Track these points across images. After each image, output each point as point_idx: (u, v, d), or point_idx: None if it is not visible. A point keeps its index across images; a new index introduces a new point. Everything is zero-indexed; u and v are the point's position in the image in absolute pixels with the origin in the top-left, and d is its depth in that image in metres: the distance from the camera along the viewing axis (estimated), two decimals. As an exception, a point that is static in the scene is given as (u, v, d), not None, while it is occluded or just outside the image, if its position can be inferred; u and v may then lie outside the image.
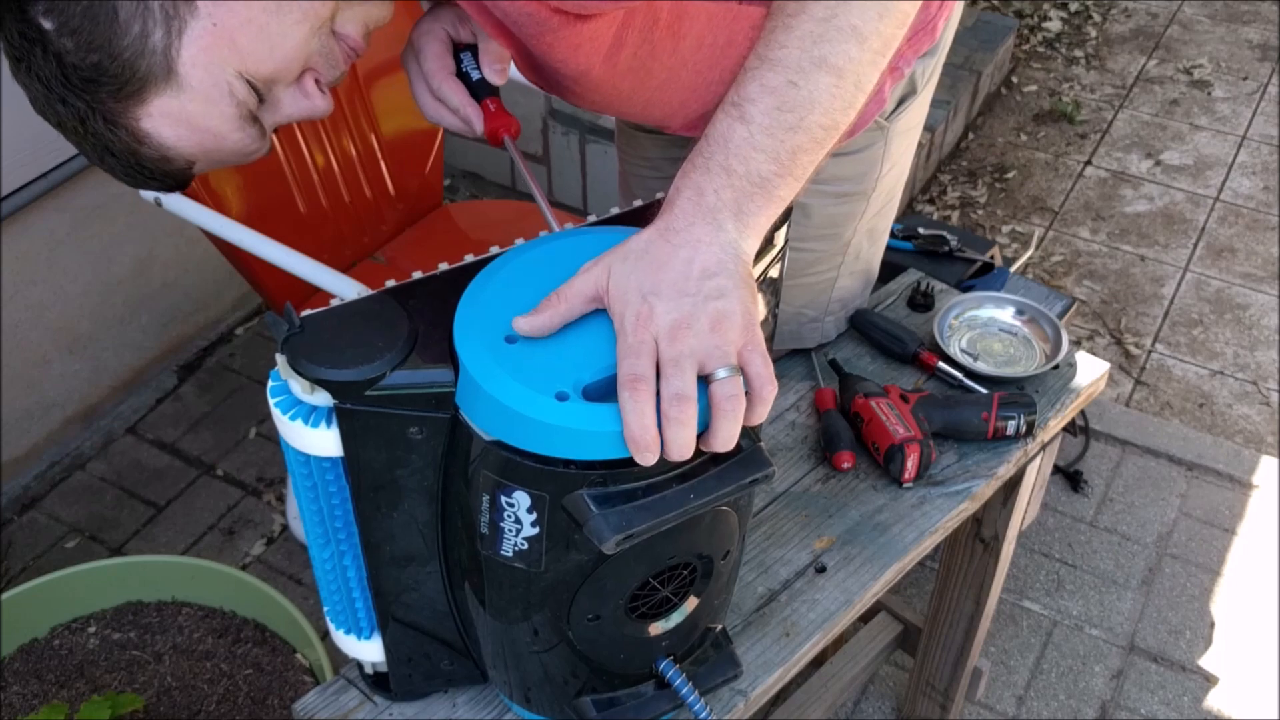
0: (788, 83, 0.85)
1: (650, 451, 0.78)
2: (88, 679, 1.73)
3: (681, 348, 0.79)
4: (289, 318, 0.81)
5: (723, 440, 0.80)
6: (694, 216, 0.83)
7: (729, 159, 0.84)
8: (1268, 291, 2.84)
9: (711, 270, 0.82)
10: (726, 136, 0.85)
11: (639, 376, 0.78)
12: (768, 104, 0.85)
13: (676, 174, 0.87)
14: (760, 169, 0.85)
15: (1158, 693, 2.02)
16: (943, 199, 3.14)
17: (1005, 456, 1.26)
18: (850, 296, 1.39)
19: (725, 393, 0.79)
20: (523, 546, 0.83)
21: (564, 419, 0.77)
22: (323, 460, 0.84)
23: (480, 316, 0.83)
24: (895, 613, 1.80)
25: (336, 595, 0.94)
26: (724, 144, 0.85)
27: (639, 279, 0.81)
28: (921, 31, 1.18)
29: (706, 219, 0.83)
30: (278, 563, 2.17)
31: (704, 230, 0.83)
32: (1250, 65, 3.62)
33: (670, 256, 0.82)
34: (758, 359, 0.81)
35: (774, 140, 0.85)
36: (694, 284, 0.81)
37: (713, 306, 0.80)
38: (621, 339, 0.80)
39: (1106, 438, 2.43)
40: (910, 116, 1.26)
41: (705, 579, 0.91)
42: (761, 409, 0.81)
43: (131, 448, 2.37)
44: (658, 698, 0.96)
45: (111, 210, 2.25)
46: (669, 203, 0.85)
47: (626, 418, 0.77)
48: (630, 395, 0.77)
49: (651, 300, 0.80)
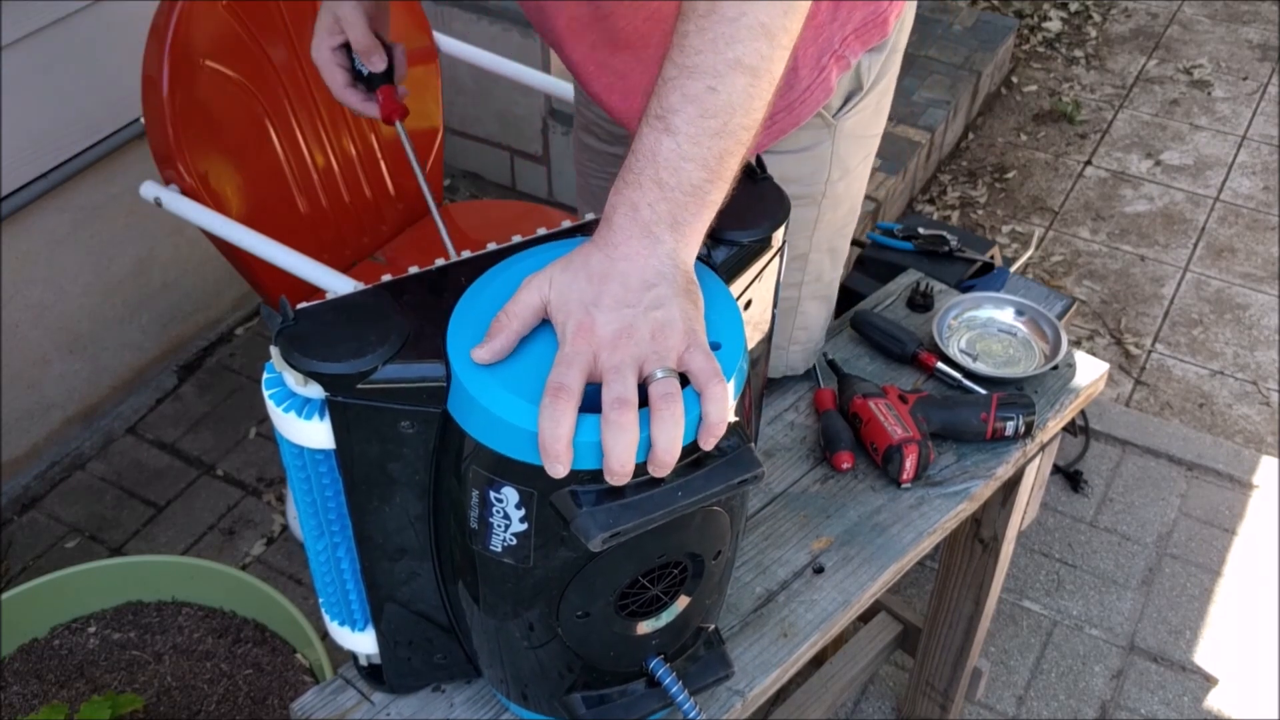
0: (707, 89, 0.85)
1: (560, 462, 0.77)
2: (88, 679, 1.73)
3: (623, 355, 0.80)
4: (283, 310, 0.82)
5: (663, 446, 0.78)
6: (630, 231, 0.84)
7: (659, 172, 0.85)
8: (1268, 291, 2.84)
9: (651, 281, 0.83)
10: (654, 150, 0.85)
11: (562, 385, 0.78)
12: (691, 113, 0.85)
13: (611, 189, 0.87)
14: (691, 178, 0.85)
15: (1158, 693, 2.02)
16: (943, 199, 3.14)
17: (1004, 457, 1.26)
18: (814, 324, 1.37)
19: (660, 391, 0.79)
20: (511, 542, 0.83)
21: None
22: (316, 453, 0.85)
23: (473, 325, 0.83)
24: (895, 613, 1.80)
25: (331, 587, 0.95)
26: (652, 158, 0.85)
27: (580, 291, 0.82)
28: (871, 24, 1.18)
29: (643, 234, 0.84)
30: (278, 563, 2.17)
31: (641, 244, 0.83)
32: (1250, 65, 3.62)
33: (610, 270, 0.83)
34: (699, 357, 0.81)
35: (701, 148, 0.85)
36: (634, 295, 0.82)
37: (653, 316, 0.81)
38: (560, 348, 0.81)
39: (1106, 438, 2.43)
40: (859, 120, 1.25)
41: (696, 578, 0.91)
42: (713, 407, 0.80)
43: (131, 448, 2.37)
44: (648, 696, 0.96)
45: (111, 210, 2.25)
46: (606, 218, 0.85)
47: (541, 424, 0.77)
48: (550, 401, 0.77)
49: (593, 311, 0.81)
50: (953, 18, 3.48)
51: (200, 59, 1.69)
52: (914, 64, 3.29)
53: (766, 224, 0.96)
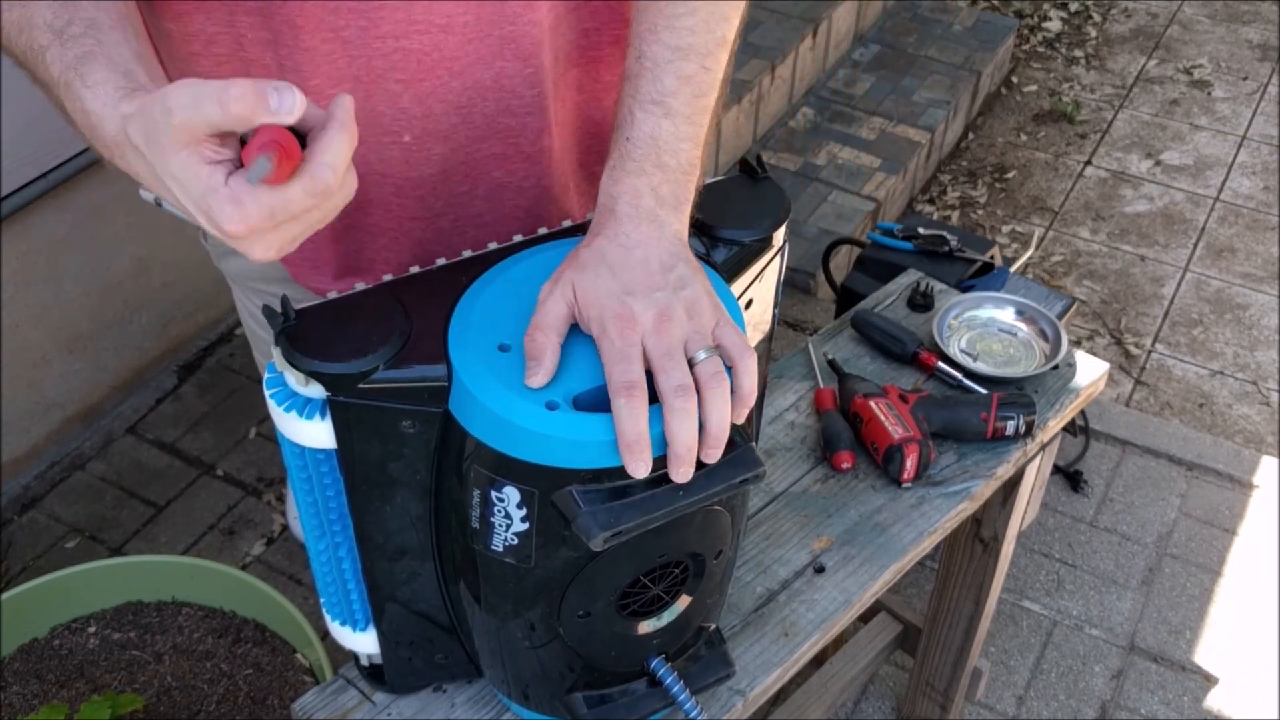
0: (701, 68, 0.87)
1: (644, 460, 0.77)
2: (88, 679, 1.73)
3: (670, 340, 0.80)
4: (285, 310, 0.82)
5: (716, 423, 0.79)
6: (636, 219, 0.85)
7: (660, 155, 0.86)
8: (1268, 291, 2.84)
9: (668, 263, 0.84)
10: (654, 135, 0.86)
11: (633, 382, 0.78)
12: (686, 93, 0.87)
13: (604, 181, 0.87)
14: (688, 157, 0.87)
15: (1158, 693, 2.02)
16: (943, 199, 3.14)
17: (1004, 457, 1.26)
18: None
19: (709, 371, 0.80)
20: (513, 542, 0.83)
21: (553, 428, 0.77)
22: (317, 452, 0.85)
23: (474, 325, 0.83)
24: (895, 613, 1.80)
25: (332, 587, 0.95)
26: (654, 142, 0.86)
27: (606, 284, 0.82)
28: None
29: (649, 219, 0.85)
30: (278, 563, 2.17)
31: (650, 230, 0.85)
32: (1250, 65, 3.62)
33: (627, 258, 0.83)
34: (730, 331, 0.82)
35: (695, 126, 0.87)
36: (659, 278, 0.83)
37: (683, 295, 0.82)
38: (607, 345, 0.80)
39: (1106, 438, 2.43)
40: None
41: (697, 578, 0.91)
42: (746, 379, 0.81)
43: (131, 448, 2.37)
44: (649, 696, 0.96)
45: (111, 210, 2.25)
46: (607, 211, 0.86)
47: (621, 424, 0.77)
48: (626, 401, 0.77)
49: (627, 300, 0.81)
50: (953, 18, 3.48)
51: (200, 59, 1.69)
52: (914, 64, 3.30)
53: (767, 223, 0.96)
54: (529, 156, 1.03)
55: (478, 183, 1.02)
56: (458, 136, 0.99)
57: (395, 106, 0.95)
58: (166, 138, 0.66)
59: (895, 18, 3.47)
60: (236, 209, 0.65)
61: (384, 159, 0.98)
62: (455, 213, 1.04)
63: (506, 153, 1.02)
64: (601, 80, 1.07)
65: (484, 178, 1.02)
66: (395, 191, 1.01)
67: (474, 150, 1.00)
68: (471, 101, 0.97)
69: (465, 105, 0.97)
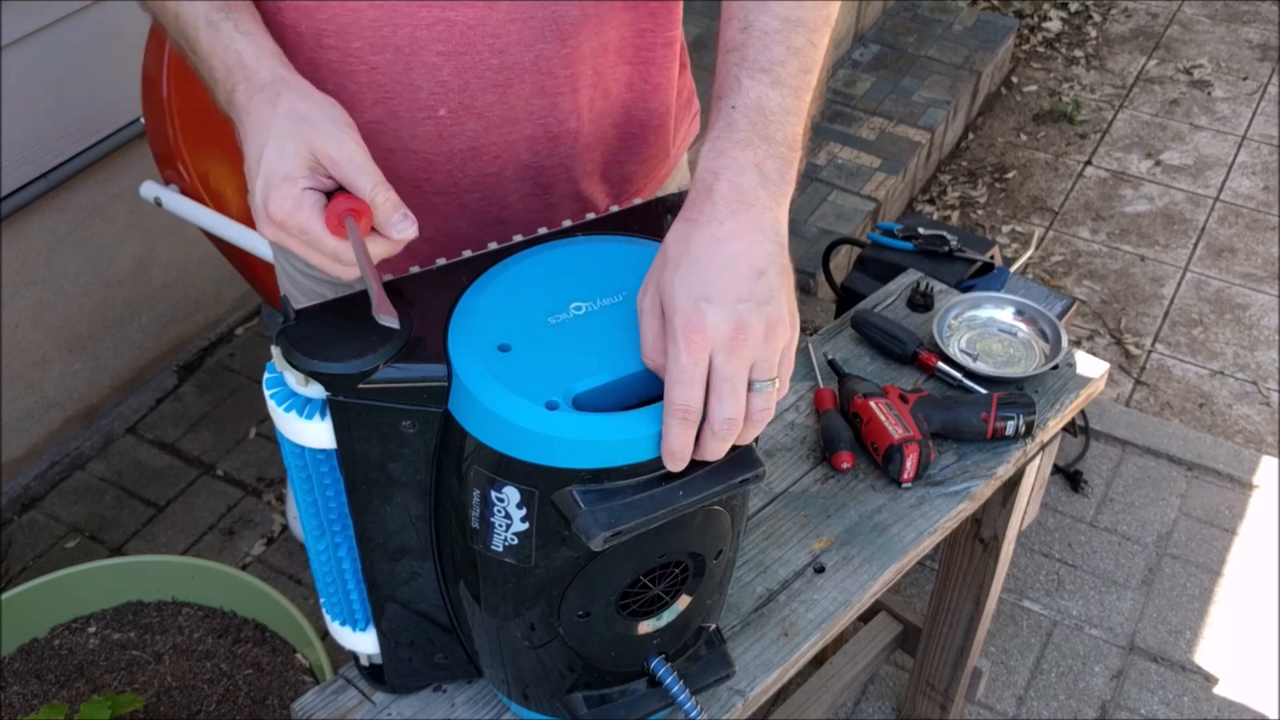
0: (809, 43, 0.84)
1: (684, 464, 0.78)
2: (88, 679, 1.73)
3: (738, 364, 0.76)
4: (285, 310, 0.82)
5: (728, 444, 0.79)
6: (735, 203, 0.79)
7: (768, 127, 0.81)
8: (1268, 291, 2.84)
9: (760, 267, 0.78)
10: (762, 104, 0.81)
11: (690, 409, 0.76)
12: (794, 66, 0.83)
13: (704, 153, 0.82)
14: (793, 132, 0.82)
15: (1158, 693, 2.02)
16: (943, 199, 3.14)
17: (1004, 457, 1.26)
18: None
19: (760, 405, 0.78)
20: (513, 541, 0.83)
21: (553, 428, 0.77)
22: (317, 452, 0.84)
23: (474, 325, 0.83)
24: (895, 613, 1.80)
25: (332, 587, 0.95)
26: (761, 111, 0.81)
27: (688, 284, 0.77)
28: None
29: (749, 202, 0.79)
30: (278, 563, 2.17)
31: (749, 217, 0.78)
32: (1250, 65, 3.62)
33: (716, 254, 0.77)
34: (789, 361, 0.80)
35: (800, 101, 0.83)
36: (746, 286, 0.77)
37: (766, 312, 0.77)
38: (673, 357, 0.76)
39: (1106, 438, 2.43)
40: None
41: (697, 578, 0.91)
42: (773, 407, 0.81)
43: (131, 448, 2.37)
44: (649, 696, 0.96)
45: (111, 210, 2.25)
46: (705, 190, 0.80)
47: (670, 440, 0.76)
48: (679, 424, 0.76)
49: (704, 306, 0.76)
50: (953, 18, 3.48)
51: (200, 59, 1.69)
52: (914, 64, 3.30)
53: None
54: (556, 138, 1.03)
55: (507, 164, 1.02)
56: (492, 115, 0.99)
57: (435, 79, 0.96)
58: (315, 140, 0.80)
59: (895, 18, 3.47)
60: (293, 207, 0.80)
61: (416, 135, 0.99)
62: (482, 191, 1.04)
63: (536, 134, 1.02)
64: (651, 81, 1.07)
65: (513, 159, 1.02)
66: (424, 166, 1.01)
67: (506, 131, 1.00)
68: (509, 80, 0.97)
69: (502, 84, 0.97)
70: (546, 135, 1.02)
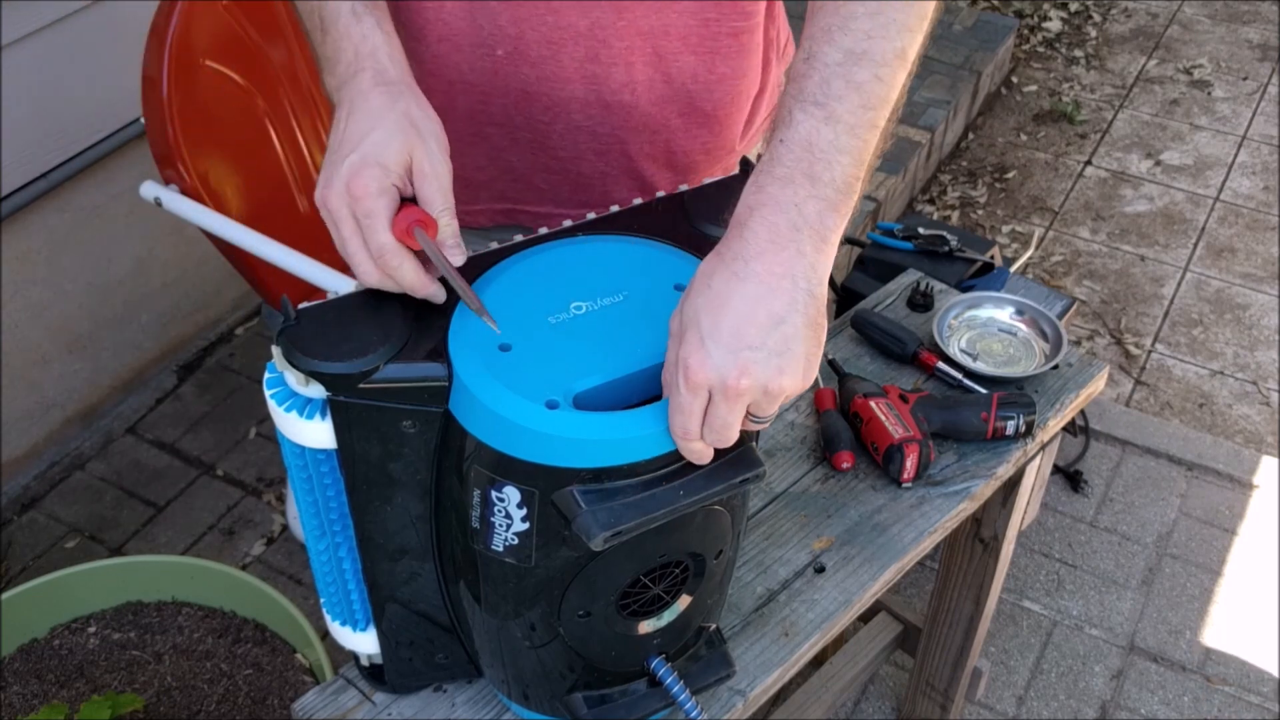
0: (874, 78, 0.78)
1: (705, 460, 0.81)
2: (88, 679, 1.73)
3: (733, 406, 0.76)
4: (285, 310, 0.82)
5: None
6: (768, 242, 0.75)
7: (814, 165, 0.76)
8: (1268, 291, 2.84)
9: (780, 315, 0.75)
10: (811, 140, 0.77)
11: (688, 432, 0.78)
12: (854, 102, 0.77)
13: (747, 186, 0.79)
14: (845, 174, 0.77)
15: (1158, 693, 2.02)
16: (943, 199, 3.14)
17: (1004, 456, 1.26)
18: None
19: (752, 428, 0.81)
20: (513, 541, 0.83)
21: (553, 427, 0.77)
22: (318, 452, 0.85)
23: (475, 325, 0.83)
24: (895, 613, 1.80)
25: (332, 587, 0.95)
26: (808, 148, 0.77)
27: (699, 319, 0.76)
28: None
29: (784, 243, 0.75)
30: (278, 563, 2.17)
31: (779, 260, 0.75)
32: (1250, 65, 3.62)
33: (734, 294, 0.75)
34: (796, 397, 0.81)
35: (857, 140, 0.78)
36: (758, 334, 0.75)
37: (775, 363, 0.75)
38: (672, 385, 0.77)
39: (1106, 438, 2.43)
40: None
41: (698, 578, 0.91)
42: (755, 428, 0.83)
43: (131, 448, 2.37)
44: (649, 696, 0.96)
45: (111, 210, 2.25)
46: (739, 224, 0.77)
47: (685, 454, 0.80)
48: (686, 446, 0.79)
49: (709, 346, 0.75)
50: (953, 18, 3.48)
51: (200, 59, 1.69)
52: (914, 64, 3.29)
53: None
54: (609, 107, 1.05)
55: (556, 117, 1.06)
56: (545, 66, 1.03)
57: (494, 23, 1.02)
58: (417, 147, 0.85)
59: (895, 18, 3.47)
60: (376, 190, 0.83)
61: (475, 69, 1.04)
62: (533, 136, 1.08)
63: (588, 99, 1.05)
64: (716, 71, 1.07)
65: (563, 114, 1.06)
66: (481, 99, 1.06)
67: (558, 85, 1.04)
68: (562, 39, 1.01)
69: (555, 42, 1.01)
70: (599, 102, 1.05)
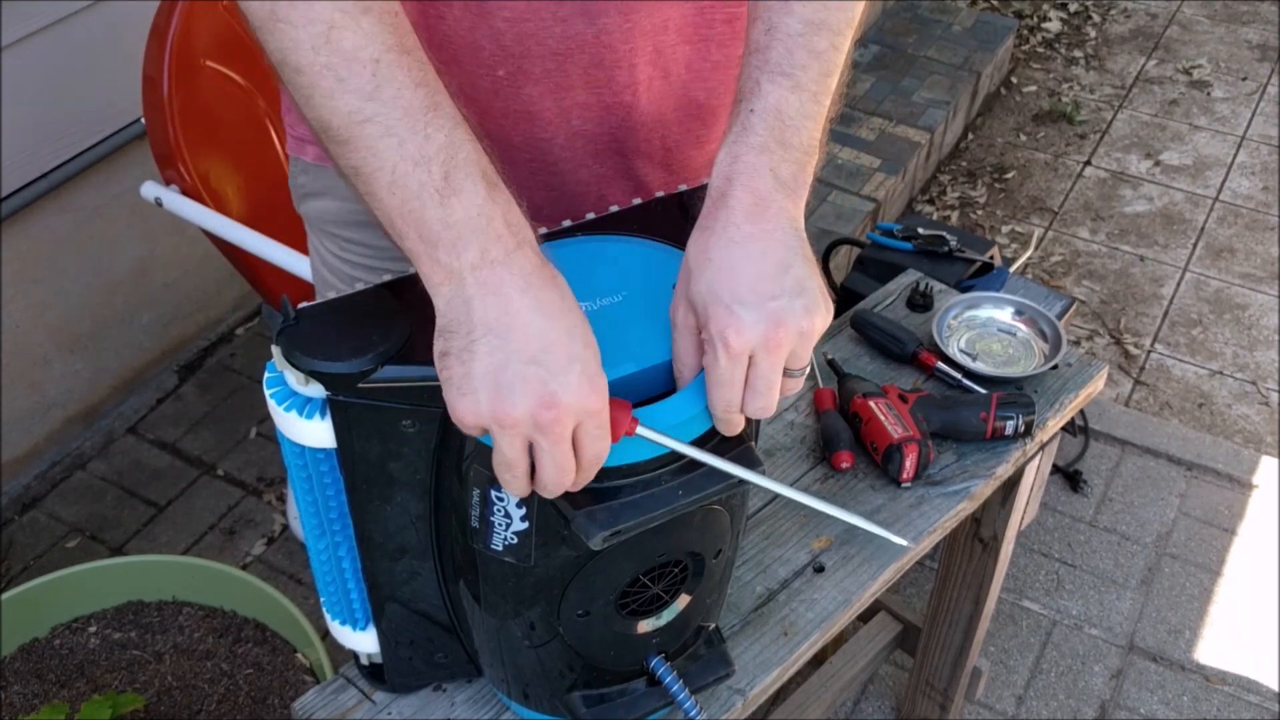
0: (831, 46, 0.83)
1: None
2: (88, 679, 1.73)
3: (776, 360, 0.78)
4: (285, 310, 0.82)
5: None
6: (752, 205, 0.79)
7: (784, 132, 0.81)
8: (1267, 291, 2.85)
9: (785, 261, 0.79)
10: (780, 109, 0.81)
11: (732, 405, 0.79)
12: (815, 70, 0.83)
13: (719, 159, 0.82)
14: (810, 137, 0.82)
15: (1157, 693, 2.02)
16: (942, 199, 3.14)
17: (1004, 456, 1.26)
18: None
19: (791, 388, 0.81)
20: (512, 541, 0.83)
21: None
22: (317, 452, 0.84)
23: None
24: (895, 612, 1.80)
25: (332, 586, 0.95)
26: (779, 116, 0.81)
27: (717, 290, 0.78)
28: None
29: (767, 203, 0.80)
30: (278, 562, 2.17)
31: (767, 216, 0.80)
32: (1250, 65, 3.62)
33: (738, 257, 0.78)
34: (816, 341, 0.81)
35: (819, 105, 0.83)
36: (775, 284, 0.78)
37: (799, 304, 0.78)
38: (712, 361, 0.78)
39: (1106, 438, 2.43)
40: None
41: (697, 577, 0.91)
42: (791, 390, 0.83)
43: (132, 448, 2.37)
44: (649, 695, 0.96)
45: (111, 210, 2.25)
46: (719, 197, 0.81)
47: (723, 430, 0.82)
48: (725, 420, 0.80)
49: (737, 310, 0.77)
50: (952, 18, 3.48)
51: (200, 59, 1.70)
52: (914, 64, 3.30)
53: None
54: (609, 107, 1.04)
55: (559, 130, 1.04)
56: (548, 81, 1.01)
57: (497, 43, 0.98)
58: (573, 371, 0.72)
59: (895, 18, 3.47)
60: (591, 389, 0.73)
61: (476, 87, 1.01)
62: (534, 152, 1.06)
63: (589, 102, 1.03)
64: (710, 58, 1.07)
65: (564, 125, 1.04)
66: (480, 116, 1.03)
67: (561, 97, 1.02)
68: (569, 50, 0.99)
69: (562, 54, 0.99)
70: (600, 104, 1.04)
